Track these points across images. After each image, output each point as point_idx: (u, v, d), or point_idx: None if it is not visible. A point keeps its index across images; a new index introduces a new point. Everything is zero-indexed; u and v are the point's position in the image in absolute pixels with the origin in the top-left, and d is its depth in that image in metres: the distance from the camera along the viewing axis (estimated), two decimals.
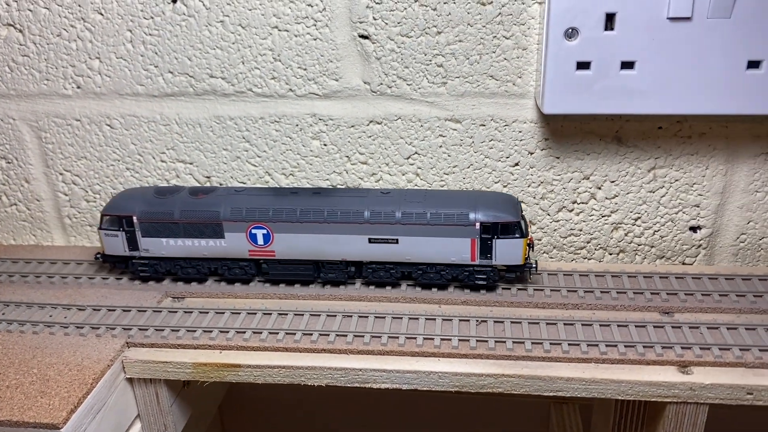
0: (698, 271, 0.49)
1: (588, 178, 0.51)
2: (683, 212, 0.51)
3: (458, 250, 0.44)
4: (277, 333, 0.43)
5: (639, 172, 0.50)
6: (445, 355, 0.41)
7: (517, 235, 0.44)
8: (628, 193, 0.51)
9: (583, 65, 0.43)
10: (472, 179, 0.52)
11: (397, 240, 0.45)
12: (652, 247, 0.53)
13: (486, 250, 0.44)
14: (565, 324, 0.42)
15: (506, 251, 0.44)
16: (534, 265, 0.46)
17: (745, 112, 0.43)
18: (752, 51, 0.41)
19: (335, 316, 0.44)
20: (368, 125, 0.51)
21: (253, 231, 0.46)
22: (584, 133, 0.49)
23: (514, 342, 0.41)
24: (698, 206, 0.51)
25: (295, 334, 0.42)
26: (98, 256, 0.51)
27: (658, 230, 0.52)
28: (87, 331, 0.43)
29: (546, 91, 0.44)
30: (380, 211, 0.44)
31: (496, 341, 0.41)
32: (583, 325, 0.42)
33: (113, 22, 0.50)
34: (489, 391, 0.40)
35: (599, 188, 0.51)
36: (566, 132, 0.50)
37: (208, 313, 0.45)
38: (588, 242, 0.53)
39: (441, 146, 0.51)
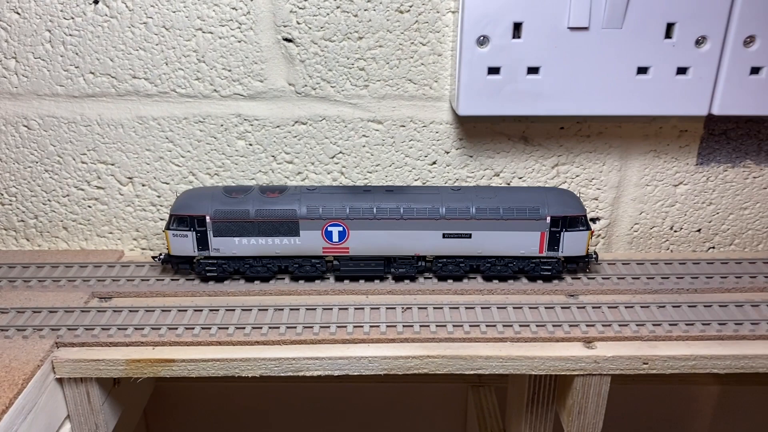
0: (608, 258, 0.54)
1: (498, 175, 0.55)
2: (585, 204, 0.56)
3: (528, 243, 0.47)
4: (210, 328, 0.44)
5: (544, 168, 0.55)
6: (374, 340, 0.43)
7: (582, 228, 0.47)
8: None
9: (493, 70, 0.47)
10: (394, 177, 0.55)
11: (470, 235, 0.46)
12: None
13: (554, 242, 0.47)
14: (482, 308, 0.46)
15: (572, 243, 0.47)
16: (594, 256, 0.49)
17: (636, 113, 0.48)
18: (641, 58, 0.46)
19: (266, 310, 0.46)
20: (293, 125, 0.53)
21: (329, 228, 0.46)
22: (494, 133, 0.53)
23: (437, 326, 0.44)
24: (597, 199, 0.56)
25: (227, 328, 0.44)
26: (159, 257, 0.49)
27: None
28: (13, 333, 0.43)
29: (461, 95, 0.48)
30: (455, 208, 0.46)
31: (420, 326, 0.44)
32: (498, 308, 0.46)
33: (31, 22, 0.49)
34: (415, 372, 0.43)
35: (509, 184, 0.55)
36: (478, 132, 0.53)
37: (138, 311, 0.45)
38: None
39: (364, 146, 0.54)
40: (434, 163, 0.54)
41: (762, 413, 0.63)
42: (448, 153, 0.54)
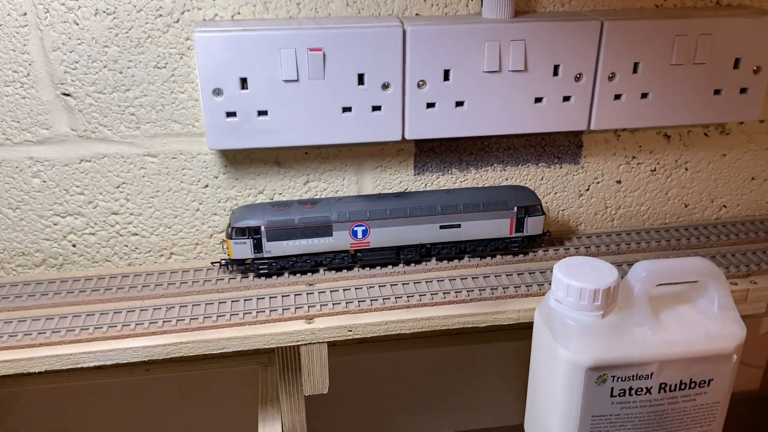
0: None
1: (262, 192, 0.68)
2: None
3: (501, 227, 0.63)
4: (2, 336, 0.54)
5: (297, 185, 0.68)
6: (138, 335, 0.55)
7: (539, 213, 0.64)
8: None
9: (230, 114, 0.59)
10: (174, 200, 0.67)
11: (460, 225, 0.62)
12: None
13: (520, 225, 0.64)
14: (233, 301, 0.59)
15: (533, 225, 0.64)
16: (548, 233, 0.66)
17: (344, 141, 0.62)
18: (343, 100, 0.60)
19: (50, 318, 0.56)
20: (80, 163, 0.64)
21: (355, 228, 0.61)
22: (252, 160, 0.66)
23: (190, 318, 0.56)
24: None
25: (17, 335, 0.54)
26: (220, 263, 0.63)
27: None
28: None
29: (208, 133, 0.60)
30: (448, 205, 0.62)
31: (177, 320, 0.56)
32: (245, 300, 0.59)
33: None
34: (174, 356, 0.55)
35: (271, 200, 0.68)
36: (239, 160, 0.66)
37: None
38: None
39: (144, 176, 0.65)
40: (207, 186, 0.67)
41: (503, 366, 0.79)
42: (216, 177, 0.66)
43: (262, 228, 0.60)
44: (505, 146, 0.70)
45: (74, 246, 0.67)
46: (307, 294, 0.60)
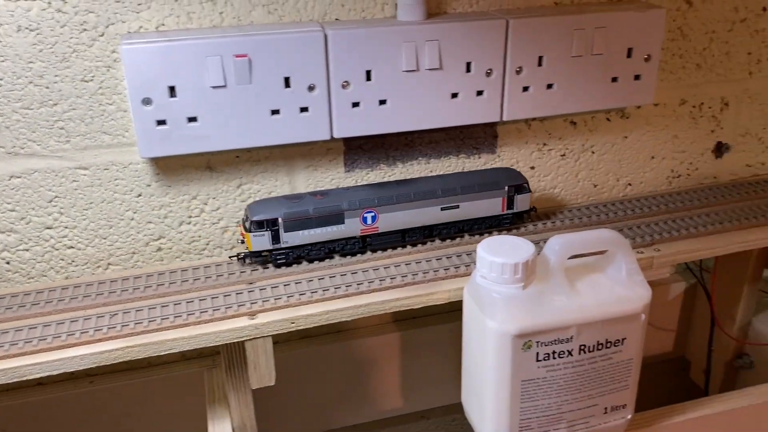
0: None
1: (196, 198, 0.70)
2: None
3: (494, 205, 0.68)
4: None
5: (230, 188, 0.70)
6: (84, 343, 0.56)
7: (526, 191, 0.69)
8: (227, 205, 0.71)
9: (161, 122, 0.61)
10: (108, 211, 0.67)
11: (458, 206, 0.67)
12: None
13: (510, 203, 0.69)
14: (175, 304, 0.60)
15: (522, 202, 0.70)
16: (534, 209, 0.72)
17: (276, 143, 0.65)
18: (271, 104, 0.63)
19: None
20: (9, 180, 0.64)
21: (365, 215, 0.64)
22: (184, 166, 0.68)
23: (134, 323, 0.58)
24: None
25: None
26: (239, 256, 0.65)
27: None
28: None
29: (139, 142, 0.61)
30: (447, 188, 0.67)
31: (122, 326, 0.57)
32: (187, 302, 0.61)
33: None
34: (121, 363, 0.56)
35: (206, 204, 0.70)
36: (171, 167, 0.67)
37: None
38: (207, 244, 0.72)
39: (76, 189, 0.66)
40: (140, 195, 0.68)
41: (442, 347, 0.83)
42: (149, 186, 0.68)
43: (280, 220, 0.63)
44: (428, 140, 0.74)
45: (8, 263, 0.67)
46: (249, 292, 0.62)
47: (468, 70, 0.68)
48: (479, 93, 0.69)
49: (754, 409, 0.70)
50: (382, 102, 0.66)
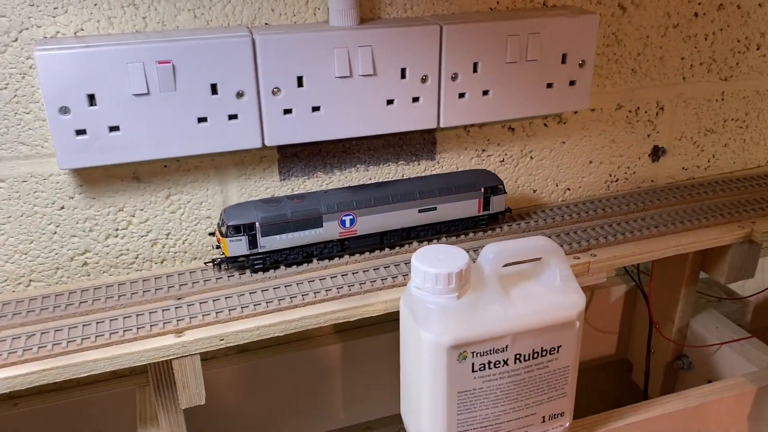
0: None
1: (122, 210, 0.67)
2: (200, 223, 0.70)
3: (471, 207, 0.69)
4: None
5: (159, 199, 0.68)
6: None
7: (501, 192, 0.70)
8: (156, 216, 0.68)
9: (80, 132, 0.58)
10: (28, 224, 0.64)
11: (436, 207, 0.67)
12: (186, 252, 0.71)
13: (486, 204, 0.69)
14: (98, 322, 0.58)
15: (497, 203, 0.70)
16: (509, 210, 0.73)
17: (203, 152, 0.62)
18: (198, 111, 0.61)
19: None
20: None
21: (344, 218, 0.64)
22: (108, 177, 0.65)
23: (52, 344, 0.55)
24: (210, 218, 0.70)
25: None
26: (214, 262, 0.64)
27: (187, 239, 0.70)
28: None
29: (58, 153, 0.58)
30: (425, 190, 0.67)
31: (39, 347, 0.54)
32: (111, 320, 0.58)
33: None
34: (41, 385, 0.53)
35: (133, 216, 0.67)
36: (95, 178, 0.64)
37: None
38: (136, 257, 0.69)
39: None
40: (62, 208, 0.65)
41: (377, 358, 0.82)
42: (72, 198, 0.64)
43: (257, 224, 0.62)
44: (366, 147, 0.73)
45: None
46: (176, 308, 0.60)
47: (403, 76, 0.67)
48: (415, 99, 0.68)
49: (690, 411, 0.70)
50: (316, 108, 0.65)
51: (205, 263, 0.66)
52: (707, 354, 0.83)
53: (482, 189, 0.69)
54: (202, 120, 0.61)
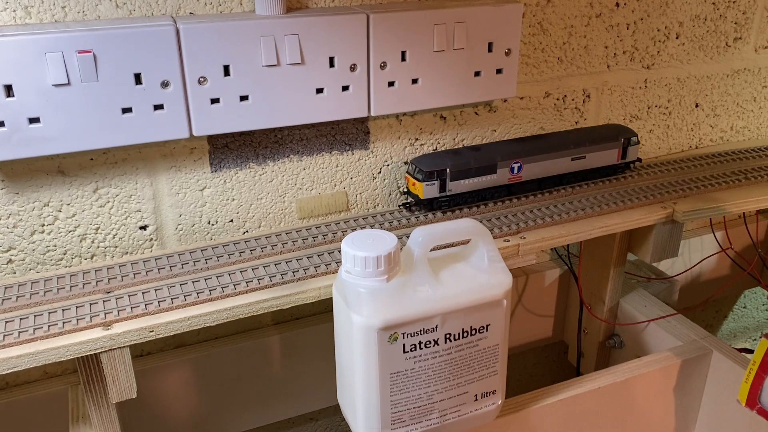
0: (158, 254, 0.67)
1: (48, 205, 0.65)
2: (130, 217, 0.69)
3: (611, 156, 0.80)
4: None
5: (86, 193, 0.66)
6: None
7: (635, 143, 0.80)
8: (83, 211, 0.67)
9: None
10: None
11: (585, 156, 0.78)
12: (116, 247, 0.69)
13: (624, 153, 0.80)
14: (21, 318, 0.56)
15: (632, 153, 0.81)
16: (640, 160, 0.83)
17: (126, 143, 0.61)
18: (121, 101, 0.60)
19: None
20: None
21: (513, 165, 0.74)
22: (32, 171, 0.63)
23: None
24: (140, 211, 0.69)
25: None
26: (405, 205, 0.76)
27: (117, 234, 0.69)
28: None
29: None
30: (577, 140, 0.77)
31: None
32: (35, 316, 0.57)
33: None
34: None
35: (60, 211, 0.66)
36: (17, 172, 0.63)
37: None
38: (65, 253, 0.68)
39: None
40: None
41: (321, 347, 0.82)
42: None
43: (448, 170, 0.71)
44: (298, 137, 0.73)
45: None
46: (104, 302, 0.59)
47: (332, 65, 0.67)
48: (345, 88, 0.69)
49: (619, 386, 0.73)
50: (244, 98, 0.65)
51: (398, 206, 0.78)
52: (637, 332, 0.86)
53: (621, 139, 0.79)
54: (126, 111, 0.61)
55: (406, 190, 0.75)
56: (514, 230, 0.71)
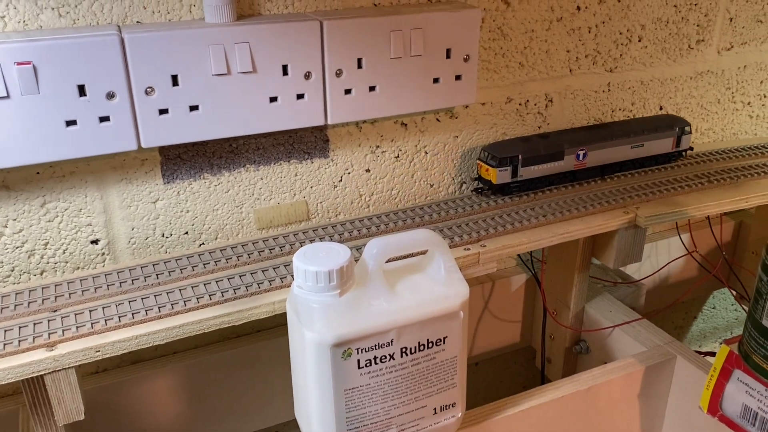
0: (109, 270, 0.65)
1: None
2: (81, 231, 0.67)
3: (667, 144, 0.84)
4: None
5: (33, 208, 0.64)
6: None
7: (688, 132, 0.85)
8: (31, 226, 0.65)
9: None
10: None
11: (643, 144, 0.82)
12: (67, 262, 0.67)
13: (678, 141, 0.84)
14: None
15: (685, 141, 0.85)
16: (692, 148, 0.87)
17: (69, 156, 0.60)
18: (65, 114, 0.58)
19: None
20: None
21: (579, 152, 0.78)
22: None
23: None
24: (91, 225, 0.67)
25: None
26: (479, 190, 0.79)
27: (67, 249, 0.67)
28: None
29: None
30: (636, 130, 0.82)
31: None
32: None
33: None
34: None
35: (5, 227, 0.64)
36: None
37: None
38: (12, 270, 0.65)
39: None
40: None
41: (275, 360, 0.81)
42: None
43: (520, 156, 0.75)
44: (254, 147, 0.72)
45: None
46: (49, 321, 0.57)
47: (285, 73, 0.66)
48: (300, 96, 0.67)
49: (583, 393, 0.72)
50: (194, 108, 0.63)
51: (471, 190, 0.82)
52: (602, 337, 0.86)
53: (676, 128, 0.84)
54: (71, 123, 0.59)
55: (477, 176, 0.79)
56: (475, 238, 0.70)
